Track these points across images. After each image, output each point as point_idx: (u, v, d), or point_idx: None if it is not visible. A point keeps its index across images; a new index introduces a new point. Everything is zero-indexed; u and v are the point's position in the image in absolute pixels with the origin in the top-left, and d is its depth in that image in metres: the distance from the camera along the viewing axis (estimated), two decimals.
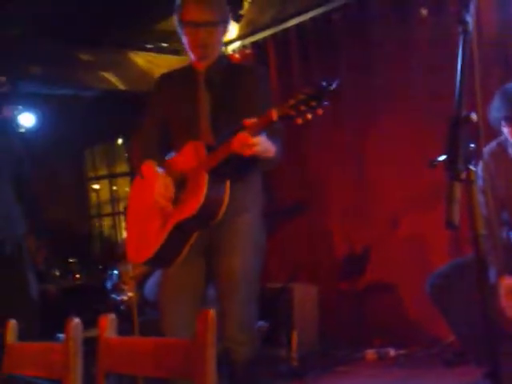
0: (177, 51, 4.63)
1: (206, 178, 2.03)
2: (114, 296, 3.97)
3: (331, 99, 1.78)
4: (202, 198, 2.02)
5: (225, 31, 2.23)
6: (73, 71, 4.53)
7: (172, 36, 4.43)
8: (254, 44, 4.12)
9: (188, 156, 2.15)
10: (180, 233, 2.12)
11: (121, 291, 3.94)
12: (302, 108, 1.80)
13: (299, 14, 3.79)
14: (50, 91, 4.76)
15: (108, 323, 1.41)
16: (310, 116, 1.81)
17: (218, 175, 2.06)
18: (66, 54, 4.44)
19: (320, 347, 3.72)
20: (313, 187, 3.93)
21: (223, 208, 2.06)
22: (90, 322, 1.79)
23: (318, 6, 3.69)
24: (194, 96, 2.20)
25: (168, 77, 2.34)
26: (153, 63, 4.77)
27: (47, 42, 4.26)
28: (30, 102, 4.94)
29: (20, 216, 3.10)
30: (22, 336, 1.63)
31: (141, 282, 3.75)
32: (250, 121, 1.93)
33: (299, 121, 1.83)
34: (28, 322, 1.75)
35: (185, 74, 2.27)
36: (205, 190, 2.02)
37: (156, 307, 3.56)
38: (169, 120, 2.26)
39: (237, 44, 4.20)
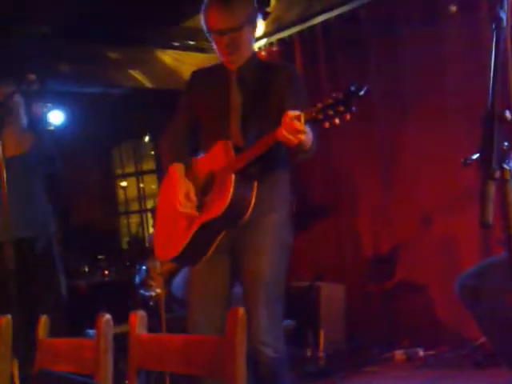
0: (203, 49, 4.64)
1: (232, 178, 2.03)
2: (142, 292, 4.00)
3: (359, 105, 1.77)
4: (228, 199, 2.02)
5: (253, 30, 2.22)
6: (101, 69, 4.57)
7: (199, 34, 4.43)
8: (281, 41, 4.10)
9: (217, 156, 2.15)
10: (206, 232, 2.13)
11: (149, 287, 3.97)
12: (330, 112, 1.79)
13: (325, 11, 3.77)
14: (79, 89, 4.81)
15: (138, 320, 1.42)
16: (337, 121, 1.80)
17: (244, 176, 2.06)
18: (94, 52, 4.49)
19: (347, 347, 3.70)
20: (342, 186, 3.91)
21: (250, 208, 2.06)
22: (118, 318, 1.80)
23: (345, 3, 3.66)
24: (225, 95, 2.19)
25: (200, 75, 2.33)
26: (179, 61, 4.79)
27: (76, 41, 4.31)
28: (59, 100, 5.00)
29: (51, 213, 3.14)
30: (50, 331, 1.66)
31: (169, 279, 3.78)
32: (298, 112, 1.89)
33: (326, 125, 1.82)
34: (56, 318, 1.78)
35: (217, 73, 2.26)
36: (231, 190, 2.02)
37: (183, 304, 3.60)
38: (199, 118, 2.26)
39: (263, 41, 4.20)
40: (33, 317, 2.37)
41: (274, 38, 4.10)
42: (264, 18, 3.75)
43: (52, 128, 4.90)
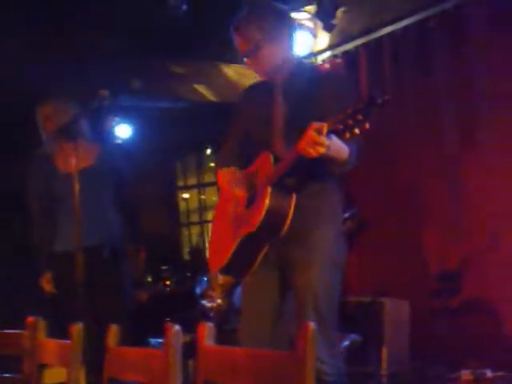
0: None
1: (268, 191, 2.03)
2: (203, 302, 4.03)
3: (379, 113, 1.73)
4: (263, 212, 2.02)
5: (280, 43, 2.18)
6: (167, 84, 4.68)
7: None
8: (345, 53, 4.08)
9: (259, 168, 2.17)
10: (248, 245, 2.13)
11: (209, 298, 4.00)
12: (350, 122, 1.77)
13: (392, 22, 3.72)
14: (146, 104, 4.95)
15: (206, 331, 1.43)
16: (357, 131, 1.77)
17: (281, 188, 2.05)
18: (160, 67, 4.60)
19: (411, 365, 3.60)
20: (407, 199, 3.81)
21: (288, 220, 2.04)
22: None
23: (413, 13, 3.59)
24: (270, 107, 2.21)
25: (251, 89, 2.37)
26: (243, 75, 4.84)
27: (143, 56, 4.43)
28: (127, 114, 5.16)
29: (118, 222, 3.22)
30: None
31: (230, 289, 3.80)
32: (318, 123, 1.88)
33: (347, 136, 1.80)
34: (121, 327, 1.83)
35: (265, 86, 2.28)
36: (266, 203, 2.02)
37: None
38: (249, 132, 2.29)
39: (327, 54, 4.18)
40: (98, 325, 2.44)
41: (338, 50, 4.08)
42: (329, 31, 3.75)
43: (120, 141, 5.06)
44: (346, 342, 3.25)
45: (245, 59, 2.21)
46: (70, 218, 2.83)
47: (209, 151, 6.70)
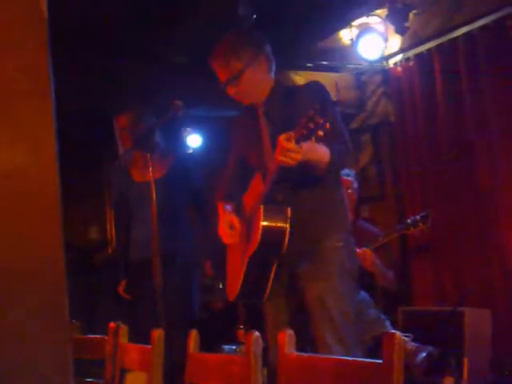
0: (336, 68, 4.64)
1: (261, 209, 2.07)
2: None
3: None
4: (260, 230, 2.05)
5: (260, 66, 2.26)
6: None
7: (331, 53, 4.46)
8: (417, 56, 3.99)
9: (254, 188, 2.23)
10: (256, 267, 2.17)
11: None
12: (311, 126, 1.80)
13: (468, 23, 3.60)
14: (216, 113, 5.01)
15: (287, 339, 1.42)
16: (321, 133, 1.79)
17: (274, 204, 2.08)
18: None
19: (493, 377, 3.45)
20: (485, 199, 3.65)
21: (286, 236, 2.05)
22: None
23: (489, 13, 3.47)
24: (257, 131, 2.29)
25: (236, 120, 2.51)
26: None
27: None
28: (197, 124, 5.24)
29: (190, 232, 3.28)
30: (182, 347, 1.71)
31: None
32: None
33: (312, 139, 1.83)
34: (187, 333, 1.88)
35: (248, 112, 2.39)
36: (261, 221, 2.05)
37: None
38: (245, 159, 2.38)
39: (399, 57, 4.11)
40: (168, 330, 2.51)
41: (410, 53, 4.00)
42: (402, 33, 3.68)
43: (191, 151, 5.15)
44: (423, 354, 3.16)
45: (226, 88, 2.28)
46: (145, 228, 2.91)
47: None
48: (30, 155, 1.11)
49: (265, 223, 2.06)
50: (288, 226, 2.06)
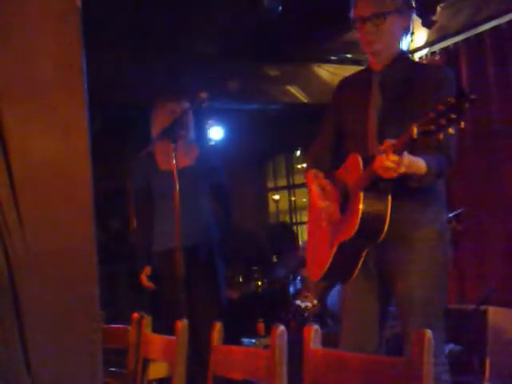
0: (359, 61, 4.60)
1: (361, 196, 1.95)
2: (297, 302, 4.01)
3: (470, 109, 1.61)
4: (358, 219, 1.94)
5: (402, 25, 2.07)
6: (260, 86, 4.72)
7: (355, 46, 4.41)
8: (444, 50, 3.94)
9: (349, 169, 2.08)
10: (346, 252, 2.06)
11: (304, 298, 3.98)
12: (442, 122, 1.66)
13: (495, 17, 3.55)
14: (239, 106, 5.00)
15: (313, 334, 1.41)
16: (451, 130, 1.67)
17: (375, 191, 1.96)
18: (254, 70, 4.64)
19: None
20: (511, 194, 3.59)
21: (386, 224, 1.95)
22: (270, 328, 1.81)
23: None
24: (366, 98, 2.10)
25: (346, 81, 2.28)
26: (335, 74, 4.79)
27: (237, 60, 4.49)
28: (220, 117, 5.25)
29: (215, 223, 3.26)
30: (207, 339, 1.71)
31: (324, 291, 3.76)
32: (391, 142, 1.81)
33: (440, 136, 1.70)
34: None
35: (362, 77, 2.18)
36: (360, 209, 1.94)
37: (337, 319, 3.56)
38: (343, 125, 2.20)
39: (425, 51, 4.06)
40: (193, 323, 2.50)
41: (436, 47, 3.95)
42: (429, 27, 3.63)
43: (213, 143, 5.15)
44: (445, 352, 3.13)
45: (365, 23, 2.05)
46: (170, 217, 2.91)
47: (299, 153, 6.69)
48: (63, 144, 1.11)
49: (365, 210, 1.96)
50: (388, 214, 1.96)
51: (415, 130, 1.72)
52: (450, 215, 3.26)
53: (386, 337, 2.55)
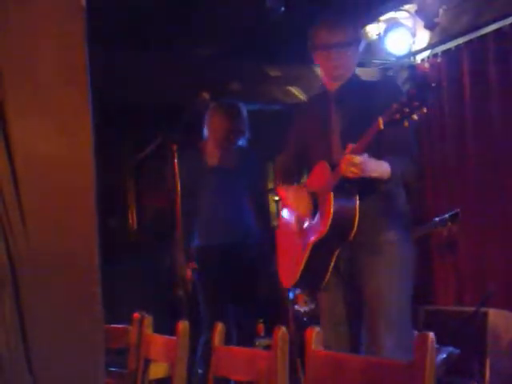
0: (362, 63, 4.59)
1: (331, 196, 2.07)
2: (296, 307, 4.01)
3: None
4: (330, 215, 2.05)
5: (357, 53, 2.29)
6: (262, 87, 4.72)
7: None
8: (445, 52, 3.93)
9: (317, 177, 2.21)
10: (319, 253, 2.14)
11: (303, 303, 3.98)
12: (406, 110, 1.81)
13: (498, 19, 3.54)
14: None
15: (314, 336, 1.41)
16: (416, 117, 1.82)
17: (344, 191, 2.08)
18: (256, 70, 4.64)
19: None
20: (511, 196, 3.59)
21: (355, 224, 2.06)
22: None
23: None
24: (325, 116, 2.27)
25: (307, 101, 2.57)
26: None
27: (239, 60, 4.48)
28: None
29: (253, 222, 3.29)
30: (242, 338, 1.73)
31: None
32: (353, 145, 2.00)
33: (406, 124, 1.84)
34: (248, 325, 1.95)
35: (319, 97, 2.38)
36: (331, 207, 2.05)
37: None
38: (306, 141, 2.35)
39: (426, 53, 4.06)
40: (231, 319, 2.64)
41: (438, 49, 3.95)
42: (431, 29, 3.63)
43: None
44: (443, 355, 3.13)
45: (332, 50, 2.24)
46: (216, 213, 2.98)
47: None
48: (67, 143, 1.11)
49: (335, 208, 2.06)
50: (357, 213, 2.07)
51: (381, 121, 1.88)
52: (446, 215, 3.27)
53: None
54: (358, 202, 2.08)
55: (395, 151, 2.07)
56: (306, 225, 2.23)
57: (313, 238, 2.14)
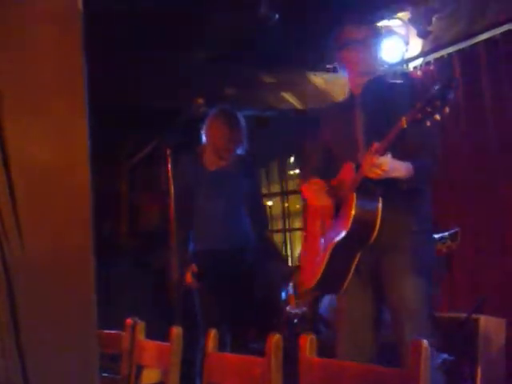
0: None
1: (354, 197, 2.06)
2: (288, 309, 4.02)
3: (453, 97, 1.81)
4: (351, 216, 2.03)
5: (376, 48, 2.32)
6: (256, 93, 4.73)
7: None
8: (438, 60, 3.96)
9: (343, 179, 2.21)
10: (340, 255, 2.12)
11: (295, 305, 3.98)
12: (428, 110, 1.82)
13: (490, 28, 3.57)
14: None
15: (308, 342, 1.41)
16: (438, 117, 1.83)
17: (367, 193, 2.07)
18: (250, 76, 4.65)
19: None
20: (505, 212, 3.62)
21: (377, 226, 2.04)
22: (263, 335, 1.82)
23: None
24: (350, 119, 2.27)
25: (330, 106, 2.58)
26: (331, 83, 4.81)
27: (233, 66, 4.50)
28: None
29: (249, 228, 3.28)
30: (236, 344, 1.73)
31: (317, 298, 3.76)
32: (377, 144, 2.00)
33: (428, 123, 1.85)
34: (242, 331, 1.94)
35: (345, 100, 2.40)
36: (353, 208, 2.04)
37: (329, 325, 3.56)
38: (332, 145, 2.36)
39: (419, 60, 4.09)
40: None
41: (431, 57, 3.97)
42: (424, 37, 3.66)
43: None
44: (438, 361, 3.13)
45: (351, 48, 2.26)
46: (214, 217, 2.98)
47: (292, 159, 6.70)
48: (62, 149, 1.11)
49: (357, 210, 2.05)
50: (379, 215, 2.05)
51: (405, 120, 1.89)
52: (446, 234, 3.26)
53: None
54: (380, 203, 2.05)
55: (418, 151, 2.08)
56: (328, 226, 2.22)
57: (334, 239, 2.12)
